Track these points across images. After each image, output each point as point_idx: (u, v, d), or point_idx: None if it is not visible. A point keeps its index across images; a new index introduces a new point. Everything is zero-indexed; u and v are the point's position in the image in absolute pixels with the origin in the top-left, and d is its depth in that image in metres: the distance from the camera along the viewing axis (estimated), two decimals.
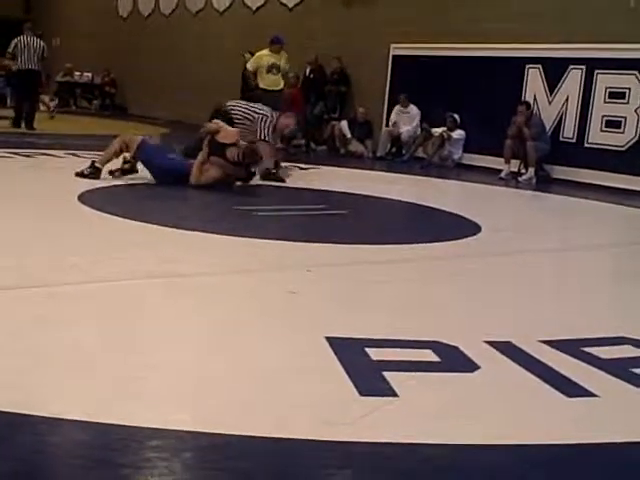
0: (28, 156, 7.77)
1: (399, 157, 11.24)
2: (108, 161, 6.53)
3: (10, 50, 11.38)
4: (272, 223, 5.35)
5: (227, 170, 6.47)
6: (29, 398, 2.03)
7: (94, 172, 6.37)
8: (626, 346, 2.87)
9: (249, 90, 12.18)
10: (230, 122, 7.40)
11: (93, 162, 6.48)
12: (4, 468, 1.67)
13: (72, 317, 2.76)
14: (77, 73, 19.07)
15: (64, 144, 9.09)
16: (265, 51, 10.41)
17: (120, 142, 6.61)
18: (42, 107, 13.00)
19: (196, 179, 6.40)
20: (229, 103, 7.97)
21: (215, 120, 7.03)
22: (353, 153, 11.38)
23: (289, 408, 2.11)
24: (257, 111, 7.72)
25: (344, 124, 11.61)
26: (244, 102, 8.17)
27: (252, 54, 13.29)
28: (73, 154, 8.22)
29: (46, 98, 14.19)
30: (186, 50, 16.21)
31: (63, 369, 2.26)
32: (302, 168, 8.49)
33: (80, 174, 6.35)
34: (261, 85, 10.63)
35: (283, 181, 7.43)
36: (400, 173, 9.62)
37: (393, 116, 11.46)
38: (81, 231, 4.42)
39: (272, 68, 10.56)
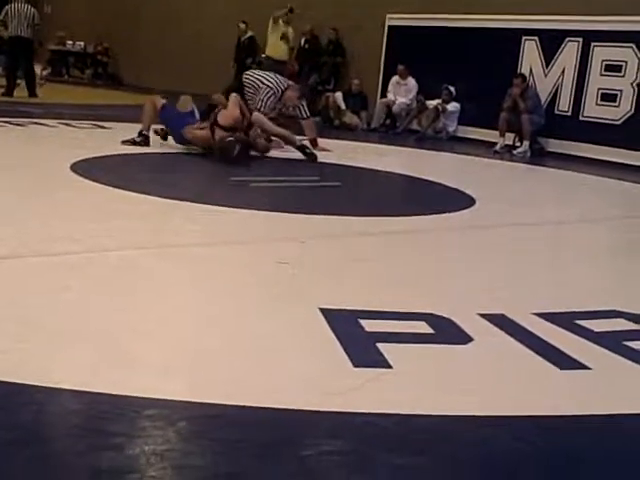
0: (20, 125, 7.70)
1: (393, 129, 11.20)
2: (150, 125, 6.81)
3: (0, 17, 11.28)
4: (266, 194, 5.33)
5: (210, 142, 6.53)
6: (23, 367, 2.02)
7: (144, 139, 6.67)
8: (619, 319, 2.88)
9: (250, 57, 12.11)
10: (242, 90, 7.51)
11: (140, 131, 6.71)
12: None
13: (65, 287, 2.74)
14: (69, 42, 18.88)
15: (56, 113, 9.02)
16: (280, 20, 10.43)
17: (149, 102, 6.88)
18: None
19: (187, 133, 6.58)
20: (246, 72, 8.03)
21: (233, 94, 6.99)
22: (347, 125, 11.33)
23: (282, 378, 2.11)
24: (264, 82, 7.70)
25: (339, 95, 11.55)
26: (260, 71, 8.14)
27: (246, 23, 13.22)
28: (66, 124, 8.16)
29: (38, 67, 14.05)
30: (181, 18, 16.06)
31: (57, 338, 2.25)
32: None
33: (130, 142, 6.60)
34: (270, 53, 10.56)
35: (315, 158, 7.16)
36: (394, 145, 9.59)
37: (390, 87, 11.40)
38: (73, 201, 4.39)
39: (284, 37, 10.56)
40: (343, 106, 11.45)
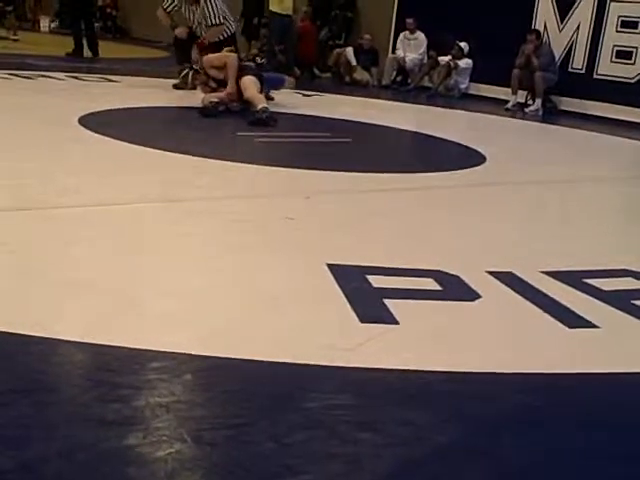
0: (28, 78, 7.64)
1: (404, 86, 11.07)
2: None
3: None
4: (274, 150, 5.29)
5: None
6: (28, 318, 2.02)
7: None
8: (628, 278, 2.86)
9: (257, 16, 11.96)
10: None
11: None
12: (2, 387, 1.68)
13: (71, 239, 2.74)
14: None
15: (64, 67, 8.94)
16: None
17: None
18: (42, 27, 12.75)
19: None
20: None
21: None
22: (358, 81, 11.19)
23: (289, 333, 2.11)
24: None
25: (349, 51, 11.38)
26: None
27: None
28: (74, 77, 8.10)
29: (46, 20, 13.92)
30: None
31: (62, 290, 2.25)
32: (306, 95, 8.36)
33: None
34: (272, 8, 10.42)
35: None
36: (405, 102, 9.50)
37: (399, 43, 11.23)
38: (80, 154, 4.37)
39: None
40: (354, 62, 11.29)
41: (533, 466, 1.59)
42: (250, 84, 6.39)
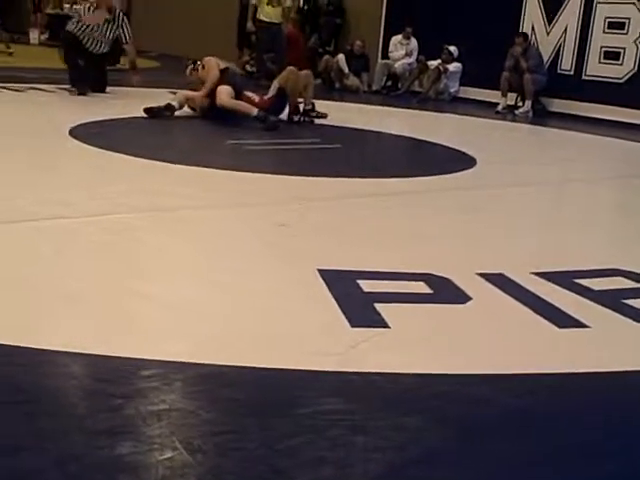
0: (17, 90, 7.64)
1: (395, 91, 11.10)
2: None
3: None
4: (264, 157, 5.31)
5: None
6: (20, 330, 2.02)
7: None
8: (618, 278, 2.87)
9: (245, 21, 11.97)
10: None
11: None
12: None
13: (61, 250, 2.74)
14: (66, 5, 18.64)
15: (54, 79, 8.92)
16: None
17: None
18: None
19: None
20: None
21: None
22: (349, 87, 11.21)
23: (281, 338, 2.11)
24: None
25: (342, 58, 11.38)
26: None
27: None
28: (64, 89, 8.08)
29: (35, 31, 13.92)
30: None
31: (54, 301, 2.25)
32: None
33: None
34: (259, 17, 10.46)
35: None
36: (396, 107, 9.51)
37: (392, 47, 11.28)
38: (70, 165, 4.38)
39: (271, 2, 10.39)
40: (346, 70, 11.26)
41: (524, 467, 1.59)
42: (223, 93, 6.48)
